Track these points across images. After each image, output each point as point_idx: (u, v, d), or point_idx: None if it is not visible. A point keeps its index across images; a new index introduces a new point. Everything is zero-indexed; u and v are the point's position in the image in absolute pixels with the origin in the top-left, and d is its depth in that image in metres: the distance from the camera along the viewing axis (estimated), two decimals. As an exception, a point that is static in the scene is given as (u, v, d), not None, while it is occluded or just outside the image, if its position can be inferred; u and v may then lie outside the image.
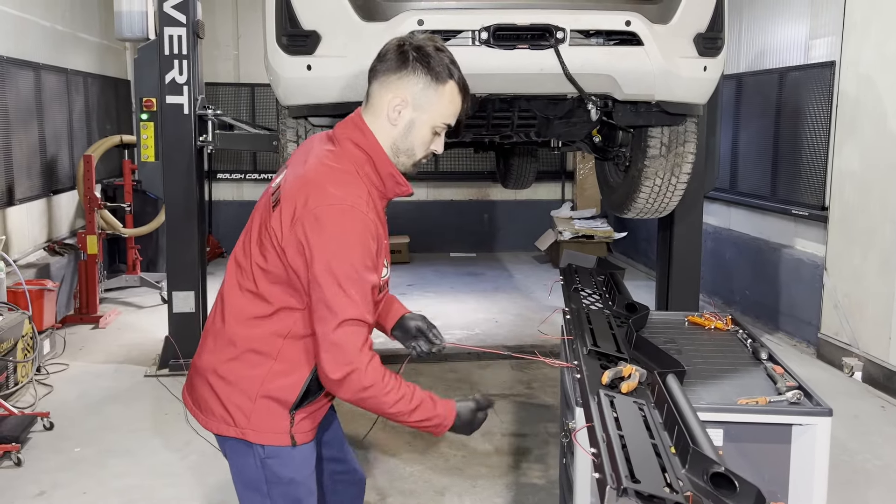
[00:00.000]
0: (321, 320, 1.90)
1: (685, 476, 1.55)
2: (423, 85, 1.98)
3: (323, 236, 1.89)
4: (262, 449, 2.06)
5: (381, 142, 2.01)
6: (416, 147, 2.04)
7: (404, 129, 2.01)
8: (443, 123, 2.03)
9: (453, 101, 2.02)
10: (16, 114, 6.62)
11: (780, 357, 2.47)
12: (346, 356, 1.88)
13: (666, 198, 4.53)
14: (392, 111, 1.99)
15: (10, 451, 4.33)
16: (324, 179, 1.93)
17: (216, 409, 2.08)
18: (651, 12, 3.61)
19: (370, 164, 2.01)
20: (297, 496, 2.11)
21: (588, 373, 2.08)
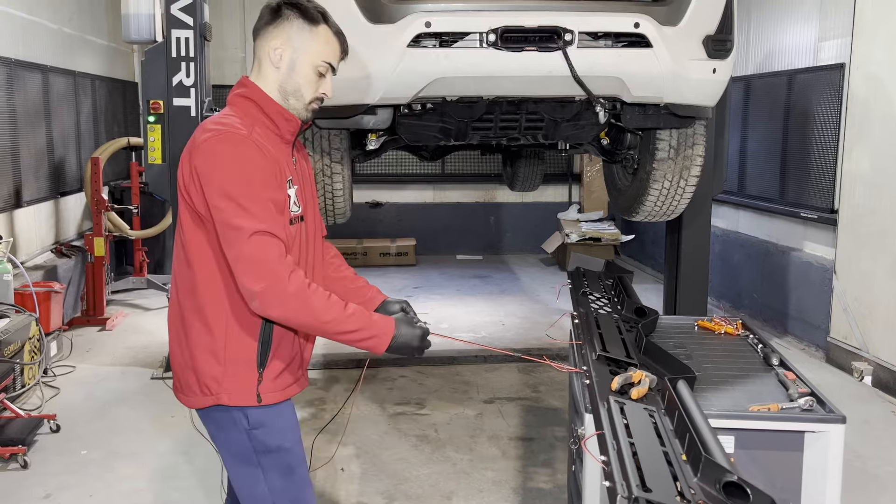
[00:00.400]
0: (229, 242, 1.98)
1: (697, 485, 1.53)
2: (297, 27, 2.14)
3: (211, 163, 2.01)
4: (245, 420, 2.12)
5: (268, 90, 2.15)
6: (301, 87, 2.16)
7: (287, 69, 2.15)
8: (322, 62, 2.17)
9: (329, 42, 2.18)
10: (24, 116, 6.64)
11: (791, 363, 2.44)
12: (263, 267, 1.94)
13: (674, 201, 4.50)
14: (273, 55, 2.14)
15: (17, 454, 4.33)
16: (206, 124, 2.10)
17: (193, 382, 2.15)
18: (660, 14, 3.58)
19: (256, 107, 2.14)
20: (289, 463, 2.18)
21: (597, 378, 2.06)
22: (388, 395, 5.56)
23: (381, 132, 4.32)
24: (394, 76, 3.55)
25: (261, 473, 2.16)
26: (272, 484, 2.17)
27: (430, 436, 4.85)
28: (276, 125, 2.15)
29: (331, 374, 5.96)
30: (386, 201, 10.82)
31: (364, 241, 10.23)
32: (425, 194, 10.95)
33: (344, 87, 3.70)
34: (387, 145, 4.58)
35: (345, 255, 9.78)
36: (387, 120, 3.97)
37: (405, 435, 4.85)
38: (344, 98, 3.72)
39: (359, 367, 6.13)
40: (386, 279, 9.40)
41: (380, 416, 5.17)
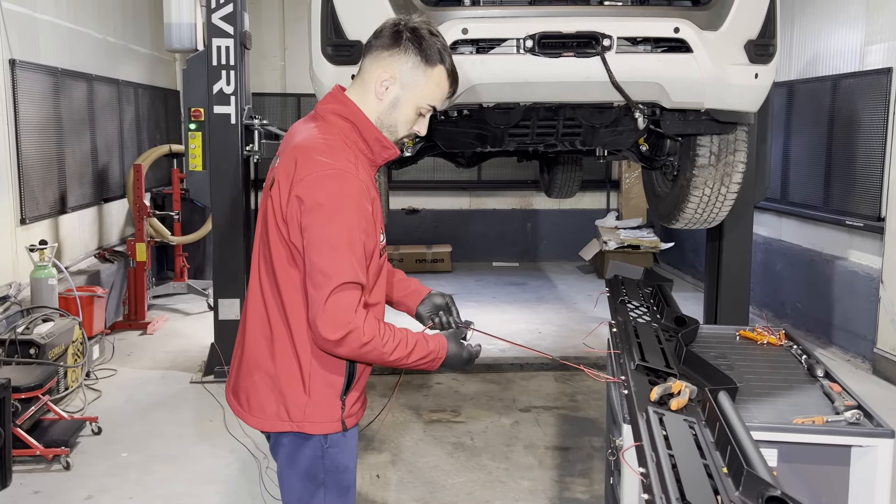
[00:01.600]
0: (317, 285, 1.93)
1: (738, 499, 1.49)
2: (412, 64, 2.03)
3: (317, 204, 1.93)
4: (323, 439, 2.09)
5: (367, 113, 2.07)
6: (398, 124, 2.08)
7: (389, 105, 2.06)
8: (427, 105, 2.08)
9: (440, 85, 2.07)
10: (69, 124, 6.78)
11: (836, 374, 2.37)
12: (343, 318, 1.91)
13: (715, 208, 4.42)
14: (380, 86, 2.04)
15: (60, 455, 4.40)
16: (312, 150, 1.98)
17: (268, 405, 2.10)
18: (700, 19, 3.53)
19: (355, 131, 2.05)
20: (348, 483, 2.18)
21: (636, 388, 2.02)
22: (423, 401, 5.55)
23: (418, 139, 4.32)
24: (430, 83, 3.54)
25: (322, 492, 2.15)
26: (329, 502, 2.16)
27: (466, 443, 4.82)
28: (372, 152, 2.08)
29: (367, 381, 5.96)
30: (422, 208, 10.84)
31: (400, 247, 10.25)
32: (461, 201, 10.94)
33: (381, 94, 3.72)
34: (423, 152, 4.58)
35: (381, 262, 9.58)
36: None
37: (441, 442, 4.83)
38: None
39: (394, 374, 6.14)
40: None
41: (415, 422, 5.16)
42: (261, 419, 2.14)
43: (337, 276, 1.91)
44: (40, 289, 5.64)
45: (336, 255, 1.92)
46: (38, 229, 6.16)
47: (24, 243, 5.89)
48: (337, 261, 1.92)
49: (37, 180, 6.14)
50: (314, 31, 3.83)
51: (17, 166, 5.84)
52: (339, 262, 1.92)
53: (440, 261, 10.26)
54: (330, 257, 1.92)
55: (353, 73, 3.61)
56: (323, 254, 1.92)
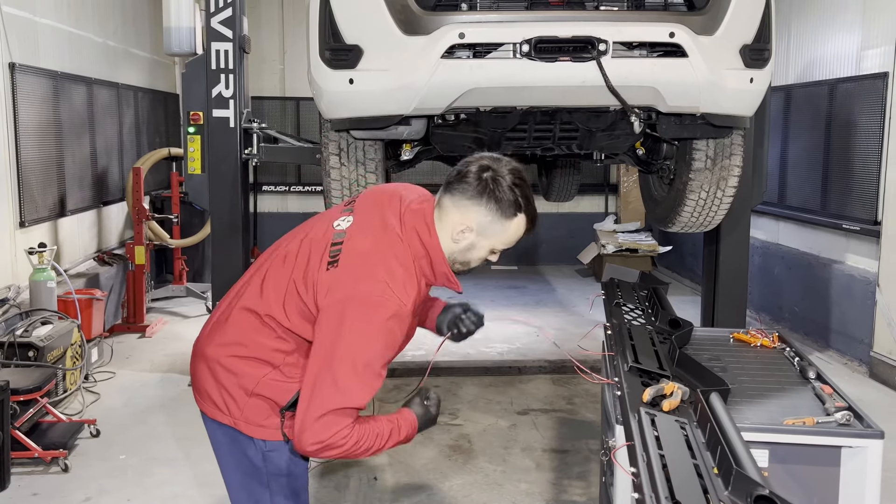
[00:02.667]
0: (319, 395, 1.93)
1: (728, 498, 1.50)
2: (491, 218, 2.05)
3: (362, 324, 1.94)
4: (263, 442, 2.13)
5: (443, 244, 2.08)
6: (472, 261, 2.14)
7: (465, 248, 2.10)
8: (502, 247, 2.14)
9: (517, 232, 2.12)
10: (69, 127, 6.81)
11: (828, 376, 2.39)
12: (326, 436, 1.92)
13: (711, 211, 4.45)
14: (457, 233, 2.07)
15: (58, 457, 4.41)
16: (384, 268, 1.99)
17: (213, 395, 2.16)
18: (696, 23, 3.56)
19: (427, 259, 2.08)
20: (295, 488, 2.20)
21: (629, 390, 2.04)
22: (421, 404, 5.56)
23: (416, 142, 4.35)
24: (428, 87, 3.58)
25: (268, 496, 2.17)
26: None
27: (464, 446, 4.84)
28: (436, 280, 2.13)
29: (365, 383, 5.98)
30: (421, 211, 10.84)
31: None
32: (461, 204, 10.94)
33: (379, 98, 3.74)
34: (421, 155, 4.61)
35: (379, 265, 9.51)
36: (421, 130, 4.00)
37: (438, 445, 4.85)
38: (379, 109, 3.77)
39: (392, 377, 6.15)
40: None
41: (413, 425, 5.17)
42: (206, 403, 2.20)
43: (342, 400, 1.92)
44: (39, 291, 5.65)
45: (356, 381, 1.93)
46: (37, 232, 6.18)
47: (23, 246, 5.91)
48: (355, 386, 1.93)
49: (36, 183, 6.16)
50: (312, 36, 3.86)
51: (17, 169, 5.86)
52: (351, 387, 1.93)
53: (439, 264, 10.27)
54: (350, 379, 1.92)
55: (351, 76, 3.72)
56: (347, 371, 1.93)
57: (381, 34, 3.61)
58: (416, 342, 5.53)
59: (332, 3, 3.71)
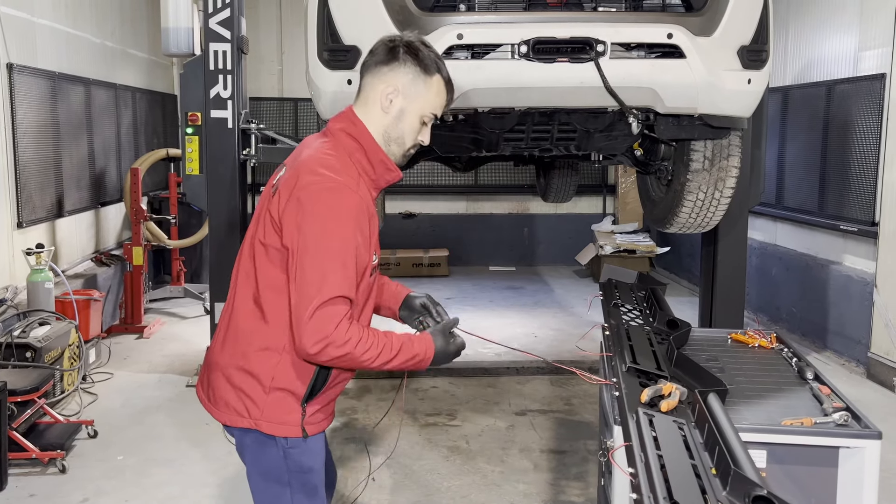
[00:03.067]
0: (305, 295, 1.95)
1: (726, 499, 1.50)
2: (412, 76, 2.12)
3: (315, 213, 1.98)
4: (284, 440, 2.13)
5: (372, 131, 2.13)
6: (405, 135, 2.16)
7: (395, 117, 2.13)
8: (430, 113, 2.17)
9: (440, 94, 2.17)
10: (67, 128, 6.80)
11: (826, 377, 2.39)
12: (326, 331, 1.94)
13: (709, 212, 4.45)
14: (384, 100, 2.12)
15: (56, 458, 4.41)
16: (317, 164, 2.05)
17: (231, 400, 2.16)
18: (694, 25, 3.55)
19: (361, 151, 2.12)
20: (314, 483, 2.21)
21: (627, 390, 2.04)
22: (419, 405, 5.57)
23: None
24: (426, 87, 3.57)
25: (289, 493, 2.18)
26: (297, 502, 2.20)
27: (462, 447, 4.84)
28: (376, 173, 2.13)
29: (363, 384, 5.99)
30: (419, 212, 10.86)
31: (397, 251, 10.27)
32: (458, 205, 10.97)
33: (377, 99, 3.74)
34: (418, 156, 4.60)
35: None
36: (418, 131, 3.99)
37: (436, 446, 4.85)
38: (377, 109, 3.76)
39: (390, 377, 6.16)
40: (419, 289, 9.39)
41: (411, 426, 5.18)
42: (224, 413, 2.19)
43: (328, 290, 1.94)
44: (37, 292, 5.65)
45: (330, 269, 1.96)
46: (34, 233, 6.18)
47: (20, 247, 5.91)
48: (330, 275, 1.95)
49: (34, 184, 6.16)
50: (310, 36, 3.84)
51: (15, 170, 5.85)
52: (331, 277, 1.95)
53: (437, 265, 10.29)
54: (323, 270, 1.95)
55: (350, 77, 3.71)
56: (316, 265, 1.96)
57: (379, 35, 3.58)
58: None
59: (330, 4, 3.69)
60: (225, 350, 2.20)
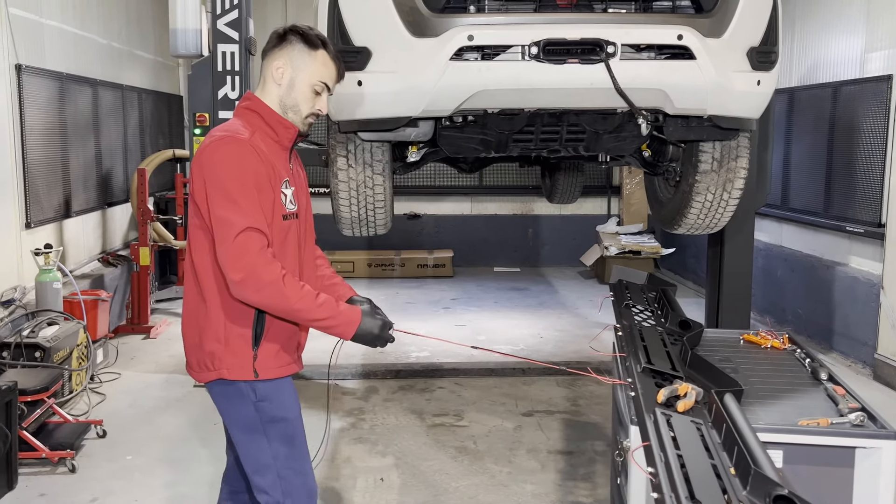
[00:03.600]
0: (221, 234, 2.25)
1: (746, 498, 1.51)
2: (298, 50, 2.43)
3: (211, 163, 2.29)
4: (253, 393, 2.40)
5: (268, 103, 2.44)
6: (300, 103, 2.45)
7: (287, 86, 2.43)
8: (319, 82, 2.45)
9: (326, 65, 2.45)
10: (74, 129, 6.82)
11: (840, 377, 2.40)
12: (246, 259, 2.22)
13: (717, 213, 4.46)
14: (276, 72, 2.43)
15: (65, 458, 4.42)
16: (213, 131, 2.41)
17: (197, 359, 2.45)
18: (704, 26, 3.56)
19: (258, 117, 2.43)
20: (290, 433, 2.46)
21: (643, 391, 2.05)
22: (426, 405, 5.58)
23: (422, 144, 4.36)
24: (436, 89, 3.58)
25: (266, 441, 2.42)
26: (276, 451, 2.43)
27: (469, 447, 4.84)
28: (276, 133, 2.44)
29: (370, 385, 6.00)
30: (424, 213, 10.87)
31: (402, 252, 10.28)
32: (463, 206, 10.98)
33: (387, 100, 3.75)
34: (427, 157, 4.61)
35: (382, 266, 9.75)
36: (428, 132, 4.01)
37: (444, 446, 4.85)
38: (387, 111, 3.77)
39: (397, 378, 6.17)
40: (424, 290, 9.43)
41: (418, 426, 5.18)
42: (198, 372, 2.48)
43: (238, 222, 2.23)
44: (45, 292, 5.66)
45: (233, 205, 2.25)
46: (42, 233, 6.19)
47: (28, 247, 5.92)
48: (235, 209, 2.24)
49: (42, 185, 6.17)
50: (320, 37, 3.86)
51: (23, 171, 5.87)
52: (236, 210, 2.24)
53: (442, 266, 10.29)
54: (228, 207, 2.25)
55: (360, 78, 3.72)
56: (222, 205, 2.25)
57: (389, 36, 3.62)
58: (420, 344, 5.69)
59: (340, 6, 3.71)
60: (186, 318, 2.51)
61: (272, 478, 2.43)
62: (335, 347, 2.64)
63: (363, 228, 4.58)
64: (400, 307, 8.49)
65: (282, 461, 2.44)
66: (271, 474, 2.43)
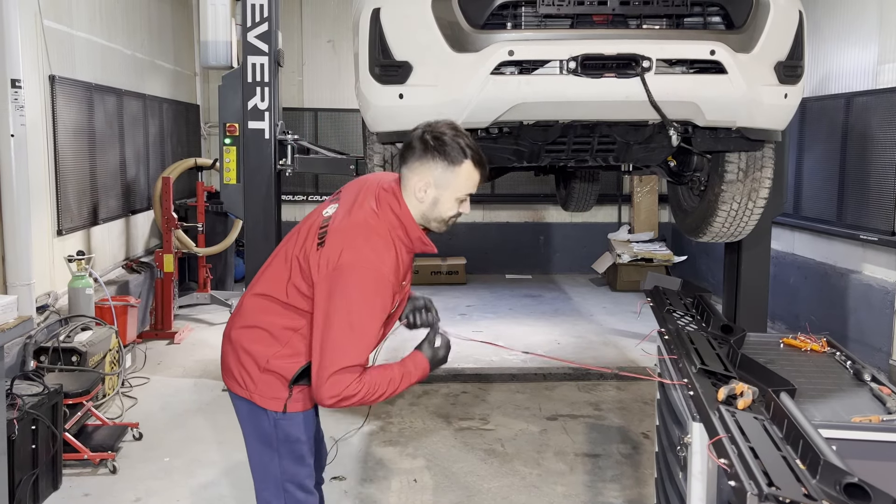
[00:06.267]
0: (328, 357, 2.28)
1: (817, 486, 1.63)
2: (441, 169, 2.37)
3: (345, 281, 2.28)
4: (274, 412, 2.51)
5: (412, 213, 2.42)
6: (443, 215, 2.44)
7: (430, 204, 2.41)
8: (464, 194, 2.42)
9: (470, 177, 2.40)
10: (101, 137, 6.94)
11: (884, 378, 2.52)
12: (338, 391, 2.28)
13: (742, 222, 4.59)
14: (419, 192, 2.40)
15: (106, 459, 4.53)
16: (362, 239, 2.33)
17: (235, 372, 2.56)
18: (734, 41, 3.70)
19: (402, 229, 2.40)
20: (301, 453, 2.59)
21: (702, 390, 2.16)
22: (451, 409, 5.69)
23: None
24: (476, 102, 3.71)
25: (277, 457, 2.56)
26: (284, 467, 2.57)
27: (497, 450, 4.96)
28: (413, 245, 2.43)
29: (395, 389, 6.10)
30: (437, 221, 10.97)
31: (415, 259, 10.38)
32: (475, 214, 11.09)
33: (428, 113, 3.85)
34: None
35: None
36: (464, 143, 4.13)
37: (473, 449, 4.96)
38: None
39: (420, 382, 6.27)
40: (438, 297, 9.43)
41: (445, 430, 5.29)
42: (228, 380, 2.61)
43: (347, 359, 2.27)
44: (78, 298, 5.77)
45: (352, 340, 2.28)
46: (72, 240, 6.30)
47: (60, 254, 6.03)
48: (352, 340, 2.28)
49: (72, 192, 6.29)
50: (361, 51, 3.98)
51: (55, 179, 5.99)
52: (353, 347, 2.28)
53: (455, 273, 10.41)
54: (346, 334, 2.27)
55: (401, 91, 3.85)
56: (341, 326, 2.27)
57: (431, 51, 3.74)
58: None
59: (382, 21, 3.83)
60: (237, 326, 2.57)
61: (273, 488, 2.59)
62: None
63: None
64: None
65: (287, 476, 2.58)
66: (273, 485, 2.59)
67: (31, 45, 5.59)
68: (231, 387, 2.60)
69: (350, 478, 4.50)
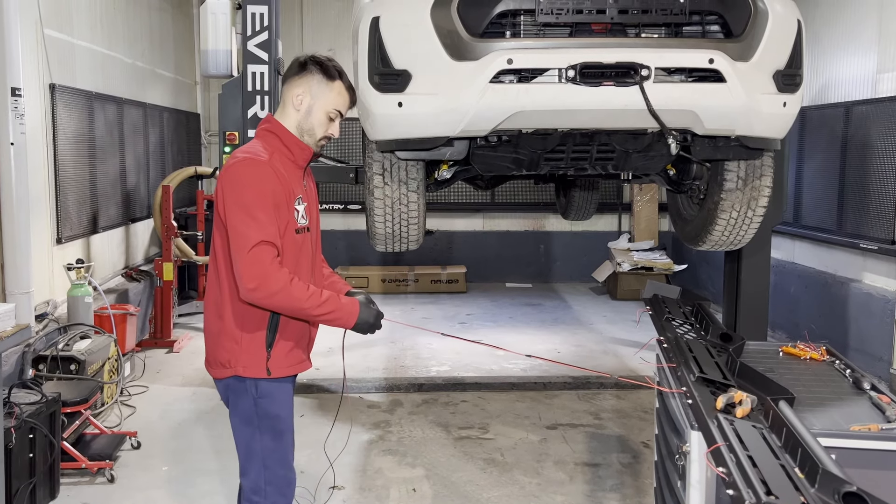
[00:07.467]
0: (237, 246, 2.50)
1: (816, 495, 1.62)
2: (317, 80, 2.73)
3: (232, 181, 2.56)
4: (255, 390, 2.68)
5: (287, 126, 2.72)
6: (315, 127, 2.74)
7: (305, 112, 2.72)
8: (334, 110, 2.75)
9: (342, 95, 2.77)
10: (101, 146, 6.95)
11: (883, 387, 2.51)
12: (259, 269, 2.47)
13: (742, 230, 4.58)
14: (295, 99, 2.72)
15: (104, 468, 4.52)
16: (236, 152, 2.68)
17: (219, 355, 2.71)
18: (733, 50, 3.70)
19: (277, 139, 2.71)
20: (280, 429, 2.76)
21: (701, 398, 2.16)
22: (451, 418, 5.67)
23: (454, 163, 4.49)
24: (475, 110, 3.70)
25: (258, 433, 2.73)
26: (265, 443, 2.74)
27: (497, 459, 4.94)
28: (293, 153, 2.72)
29: (394, 398, 6.10)
30: (437, 229, 10.97)
31: (415, 268, 10.39)
32: (475, 222, 11.10)
33: (427, 121, 3.87)
34: (458, 175, 4.74)
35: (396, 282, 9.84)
36: (463, 151, 4.13)
37: (472, 458, 4.95)
38: (426, 131, 3.89)
39: (420, 391, 6.27)
40: (439, 306, 9.53)
41: (445, 439, 5.28)
42: (216, 369, 2.75)
43: (253, 236, 2.48)
44: (77, 306, 5.77)
45: (251, 220, 2.50)
46: (71, 249, 6.31)
47: (59, 262, 6.03)
48: (252, 224, 2.49)
49: (72, 200, 6.30)
50: (361, 60, 3.98)
51: (55, 187, 5.99)
52: (253, 226, 2.49)
53: (455, 281, 10.41)
54: (246, 222, 2.50)
55: (400, 100, 3.85)
56: (239, 219, 2.51)
57: (430, 60, 3.74)
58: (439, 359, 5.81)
59: (381, 30, 3.83)
60: (207, 320, 2.78)
61: (258, 465, 2.76)
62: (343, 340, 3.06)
63: (396, 244, 4.71)
64: (417, 322, 8.59)
65: (268, 452, 2.75)
66: (257, 462, 2.76)
67: (32, 54, 5.61)
68: (216, 374, 2.75)
69: (349, 487, 4.48)
